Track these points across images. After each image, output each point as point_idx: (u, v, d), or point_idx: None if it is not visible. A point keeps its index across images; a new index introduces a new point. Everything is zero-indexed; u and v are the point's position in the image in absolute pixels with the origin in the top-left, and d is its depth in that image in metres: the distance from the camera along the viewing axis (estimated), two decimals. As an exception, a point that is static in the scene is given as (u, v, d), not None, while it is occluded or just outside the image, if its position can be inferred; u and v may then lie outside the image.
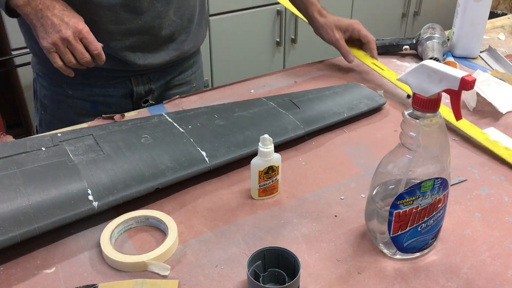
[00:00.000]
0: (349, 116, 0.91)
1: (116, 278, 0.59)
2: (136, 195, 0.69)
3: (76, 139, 0.79)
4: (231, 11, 2.05)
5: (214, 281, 0.59)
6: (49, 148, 0.76)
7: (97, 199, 0.67)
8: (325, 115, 0.90)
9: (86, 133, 0.81)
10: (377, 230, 0.62)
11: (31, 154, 0.75)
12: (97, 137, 0.80)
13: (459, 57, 1.20)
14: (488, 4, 1.13)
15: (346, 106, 0.93)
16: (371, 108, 0.94)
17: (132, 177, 0.71)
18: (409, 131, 0.56)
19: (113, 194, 0.68)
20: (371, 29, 1.06)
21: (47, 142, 0.78)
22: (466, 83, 0.51)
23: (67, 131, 0.82)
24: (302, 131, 0.85)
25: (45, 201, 0.65)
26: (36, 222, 0.62)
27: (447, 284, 0.59)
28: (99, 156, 0.75)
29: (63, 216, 0.64)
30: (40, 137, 0.79)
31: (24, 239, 0.62)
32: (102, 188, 0.68)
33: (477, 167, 0.80)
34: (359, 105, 0.94)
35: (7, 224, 0.61)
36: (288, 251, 0.57)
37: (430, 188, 0.57)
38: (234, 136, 0.81)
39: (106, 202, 0.67)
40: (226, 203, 0.72)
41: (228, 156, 0.77)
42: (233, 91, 1.04)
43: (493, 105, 0.94)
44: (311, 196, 0.73)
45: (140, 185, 0.70)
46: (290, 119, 0.87)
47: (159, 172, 0.72)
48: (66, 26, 0.82)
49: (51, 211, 0.64)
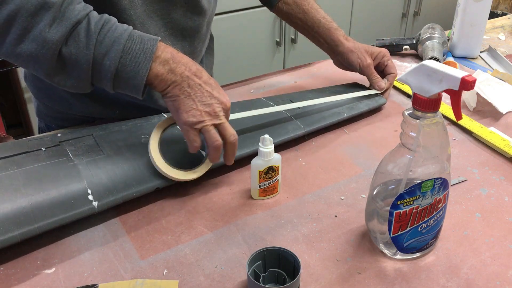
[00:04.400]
0: (349, 116, 0.91)
1: (116, 278, 0.59)
2: (136, 195, 0.69)
3: (76, 140, 0.79)
4: (231, 11, 2.04)
5: (214, 281, 0.59)
6: (49, 148, 0.76)
7: (97, 198, 0.67)
8: (325, 115, 0.90)
9: (86, 133, 0.81)
10: (378, 230, 0.62)
11: (31, 155, 0.75)
12: (97, 137, 0.80)
13: (459, 57, 1.20)
14: (488, 4, 1.13)
15: (346, 106, 0.93)
16: (371, 108, 0.94)
17: (132, 177, 0.71)
18: (409, 131, 0.56)
19: (113, 194, 0.68)
20: (371, 29, 1.06)
21: (47, 142, 0.78)
22: (467, 83, 0.51)
23: (67, 131, 0.82)
24: (302, 131, 0.85)
25: (45, 201, 0.65)
26: (36, 222, 0.62)
27: (447, 284, 0.59)
28: (99, 156, 0.75)
29: (63, 216, 0.64)
30: (40, 137, 0.79)
31: (24, 239, 0.62)
32: (102, 188, 0.68)
33: (477, 167, 0.80)
34: (359, 105, 0.94)
35: (7, 224, 0.61)
36: (288, 251, 0.57)
37: (430, 188, 0.57)
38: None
39: (106, 202, 0.67)
40: (226, 203, 0.72)
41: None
42: (233, 91, 1.04)
43: (493, 105, 0.94)
44: (311, 196, 0.73)
45: (140, 185, 0.70)
46: (290, 119, 0.87)
47: (159, 172, 0.72)
48: (216, 101, 0.69)
49: (51, 211, 0.64)
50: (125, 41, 0.67)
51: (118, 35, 0.67)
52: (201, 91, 0.68)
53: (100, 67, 0.67)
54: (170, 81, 0.68)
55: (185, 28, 0.87)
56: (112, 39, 0.66)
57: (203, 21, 0.91)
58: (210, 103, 0.68)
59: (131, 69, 0.67)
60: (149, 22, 0.81)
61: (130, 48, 0.67)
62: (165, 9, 0.83)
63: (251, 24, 2.12)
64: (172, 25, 0.85)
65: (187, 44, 0.90)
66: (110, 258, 0.62)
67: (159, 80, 0.68)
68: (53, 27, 0.64)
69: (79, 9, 0.66)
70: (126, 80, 0.68)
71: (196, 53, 0.94)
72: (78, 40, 0.66)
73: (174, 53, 0.69)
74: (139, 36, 0.68)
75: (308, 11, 1.02)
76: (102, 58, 0.66)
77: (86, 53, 0.66)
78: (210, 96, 0.69)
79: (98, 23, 0.67)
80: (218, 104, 0.69)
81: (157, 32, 0.83)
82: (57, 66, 0.67)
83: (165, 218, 0.69)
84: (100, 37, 0.66)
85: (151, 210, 0.70)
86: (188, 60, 0.70)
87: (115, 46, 0.66)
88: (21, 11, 0.63)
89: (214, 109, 0.69)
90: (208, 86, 0.69)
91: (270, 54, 2.26)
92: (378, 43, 1.23)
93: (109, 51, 0.66)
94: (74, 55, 0.66)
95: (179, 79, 0.68)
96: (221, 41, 2.09)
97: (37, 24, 0.64)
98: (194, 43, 0.91)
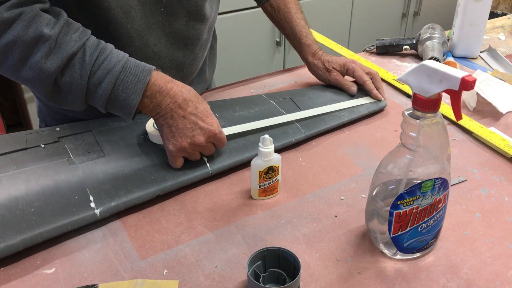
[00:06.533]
0: (349, 119, 0.91)
1: (116, 278, 0.59)
2: (138, 202, 0.69)
3: (75, 136, 0.78)
4: (232, 11, 2.04)
5: (214, 282, 0.59)
6: (49, 144, 0.75)
7: (99, 206, 0.67)
8: (326, 118, 0.90)
9: (86, 128, 0.80)
10: (378, 230, 0.62)
11: (30, 152, 0.74)
12: (96, 134, 0.79)
13: (459, 57, 1.20)
14: (488, 4, 1.13)
15: (347, 109, 0.93)
16: (372, 111, 0.94)
17: (133, 183, 0.71)
18: (409, 131, 0.56)
19: (114, 200, 0.68)
20: (371, 29, 1.06)
21: (46, 137, 0.77)
22: (467, 83, 0.51)
23: (66, 126, 0.81)
24: (303, 135, 0.85)
25: (47, 208, 0.65)
26: (38, 229, 0.62)
27: (448, 284, 0.59)
28: (99, 157, 0.74)
29: (65, 223, 0.64)
30: (38, 132, 0.78)
31: (27, 247, 0.61)
32: (104, 195, 0.68)
33: (477, 167, 0.80)
34: (359, 108, 0.94)
35: (9, 231, 0.61)
36: (288, 251, 0.57)
37: (430, 188, 0.57)
38: (235, 140, 0.81)
39: (107, 209, 0.67)
40: (226, 203, 0.72)
41: (229, 160, 0.77)
42: (233, 91, 1.04)
43: (493, 105, 0.94)
44: (311, 196, 0.73)
45: (142, 190, 0.70)
46: (291, 122, 0.87)
47: (160, 178, 0.72)
48: (200, 132, 0.72)
49: (53, 219, 0.64)
50: (118, 73, 0.70)
51: (112, 66, 0.70)
52: (183, 123, 0.72)
53: (93, 95, 0.71)
54: (155, 112, 0.72)
55: (187, 37, 0.88)
56: (106, 70, 0.69)
57: (205, 28, 0.91)
58: (191, 135, 0.72)
59: (123, 99, 0.70)
60: (148, 34, 0.82)
61: (123, 80, 0.70)
62: (167, 20, 0.83)
63: (251, 24, 2.12)
64: (174, 35, 0.86)
65: (188, 52, 0.90)
66: (110, 258, 0.62)
67: (146, 110, 0.72)
68: (49, 59, 0.67)
69: (75, 39, 0.69)
70: (117, 108, 0.72)
71: (197, 59, 0.94)
72: (73, 70, 0.69)
73: (163, 85, 0.72)
74: (133, 67, 0.71)
75: (287, 21, 1.03)
76: (95, 87, 0.70)
77: (80, 82, 0.69)
78: (192, 128, 0.72)
79: (94, 54, 0.69)
80: (200, 134, 0.72)
81: (157, 42, 0.84)
82: (53, 91, 0.70)
83: (165, 218, 0.69)
84: (94, 68, 0.69)
85: (151, 210, 0.70)
86: (176, 90, 0.72)
87: (108, 78, 0.69)
88: (18, 42, 0.66)
89: (195, 141, 0.72)
90: (193, 116, 0.72)
91: (270, 54, 2.26)
92: (378, 43, 1.22)
93: (102, 82, 0.69)
94: (69, 84, 0.69)
95: (163, 111, 0.72)
96: (222, 41, 2.08)
97: (34, 54, 0.67)
98: (195, 50, 0.91)
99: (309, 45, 1.03)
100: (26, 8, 0.66)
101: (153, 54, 0.84)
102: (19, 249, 0.61)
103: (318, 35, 1.32)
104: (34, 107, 1.10)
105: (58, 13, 0.69)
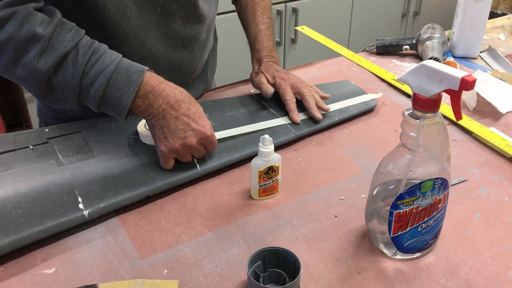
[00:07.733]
0: (340, 119, 0.91)
1: (116, 278, 0.59)
2: (127, 203, 0.69)
3: (64, 136, 0.78)
4: (232, 11, 2.04)
5: (214, 281, 0.59)
6: (37, 146, 0.75)
7: (87, 207, 0.66)
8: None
9: (75, 129, 0.79)
10: (378, 230, 0.62)
11: (19, 153, 0.73)
12: (85, 134, 0.79)
13: (459, 57, 1.20)
14: (488, 4, 1.13)
15: (337, 109, 0.93)
16: (362, 111, 0.94)
17: (122, 184, 0.70)
18: (409, 131, 0.56)
19: (103, 201, 0.67)
20: (371, 29, 1.06)
21: (35, 138, 0.76)
22: (467, 83, 0.51)
23: (55, 126, 0.81)
24: (293, 135, 0.85)
25: (35, 210, 0.64)
26: (26, 231, 0.62)
27: (448, 284, 0.59)
28: (88, 158, 0.74)
29: (54, 224, 0.63)
30: (27, 133, 0.77)
31: (15, 249, 0.61)
32: (93, 196, 0.68)
33: (477, 167, 0.80)
34: (350, 108, 0.94)
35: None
36: (288, 251, 0.57)
37: (430, 188, 0.57)
38: (225, 141, 0.81)
39: (96, 211, 0.66)
40: (226, 203, 0.72)
41: (219, 161, 0.77)
42: (233, 91, 1.04)
43: (493, 105, 0.94)
44: (311, 196, 0.73)
45: (131, 192, 0.69)
46: (281, 122, 0.87)
47: (149, 179, 0.72)
48: (192, 133, 0.72)
49: (41, 220, 0.63)
50: (111, 74, 0.70)
51: (105, 67, 0.70)
52: (175, 124, 0.71)
53: (86, 95, 0.71)
54: (148, 112, 0.72)
55: (184, 37, 0.87)
56: (99, 70, 0.69)
57: (203, 28, 0.91)
58: (183, 136, 0.72)
59: (115, 99, 0.70)
60: (145, 34, 0.82)
61: (116, 80, 0.70)
62: (164, 20, 0.83)
63: (251, 24, 2.12)
64: (171, 35, 0.85)
65: (186, 52, 0.90)
66: (110, 258, 0.62)
67: (138, 111, 0.72)
68: (42, 58, 0.67)
69: (69, 39, 0.69)
70: (109, 108, 0.72)
71: (195, 59, 0.93)
72: (66, 70, 0.69)
73: (156, 85, 0.71)
74: (126, 68, 0.71)
75: (249, 21, 1.00)
76: (88, 87, 0.70)
77: (73, 82, 0.69)
78: (185, 129, 0.72)
79: (87, 54, 0.69)
80: (193, 136, 0.72)
81: (155, 43, 0.84)
82: (46, 90, 0.71)
83: (165, 218, 0.69)
84: (87, 68, 0.69)
85: (151, 210, 0.70)
86: (169, 91, 0.72)
87: (101, 78, 0.69)
88: (11, 41, 0.66)
89: (187, 142, 0.72)
90: (186, 117, 0.72)
91: (270, 54, 2.26)
92: (378, 43, 1.23)
93: (95, 82, 0.69)
94: (61, 83, 0.70)
95: (155, 112, 0.71)
96: (222, 41, 2.08)
97: (26, 53, 0.67)
98: (193, 51, 0.91)
99: (258, 49, 0.98)
100: (20, 7, 0.66)
101: (150, 55, 0.84)
102: (7, 251, 0.60)
103: (318, 35, 1.32)
104: (34, 107, 1.10)
105: (52, 12, 0.69)
